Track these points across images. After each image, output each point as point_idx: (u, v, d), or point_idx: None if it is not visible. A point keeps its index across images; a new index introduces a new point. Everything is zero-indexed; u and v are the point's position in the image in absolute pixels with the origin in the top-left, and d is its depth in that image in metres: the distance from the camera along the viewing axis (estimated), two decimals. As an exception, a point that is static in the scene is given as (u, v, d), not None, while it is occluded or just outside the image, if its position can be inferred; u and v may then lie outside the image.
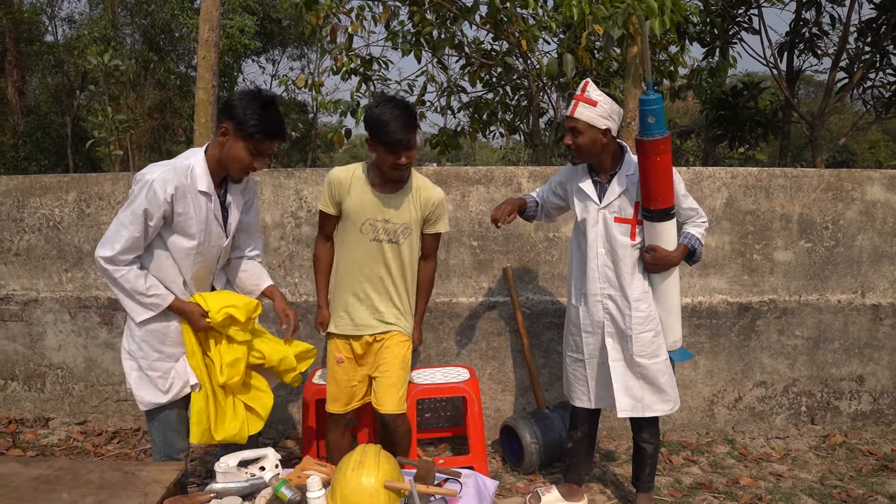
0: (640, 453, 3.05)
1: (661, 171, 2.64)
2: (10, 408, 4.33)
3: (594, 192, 2.87)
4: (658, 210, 2.71)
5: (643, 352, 2.85)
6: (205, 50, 5.38)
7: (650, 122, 2.60)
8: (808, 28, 8.37)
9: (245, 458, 2.23)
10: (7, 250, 4.21)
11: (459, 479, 2.20)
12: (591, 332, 2.95)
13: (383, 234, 2.81)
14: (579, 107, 2.71)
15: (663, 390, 2.89)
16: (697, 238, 2.86)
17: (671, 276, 2.87)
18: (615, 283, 2.87)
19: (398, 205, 2.81)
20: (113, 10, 20.85)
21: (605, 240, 2.86)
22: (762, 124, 8.85)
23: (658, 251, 2.78)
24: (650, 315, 2.85)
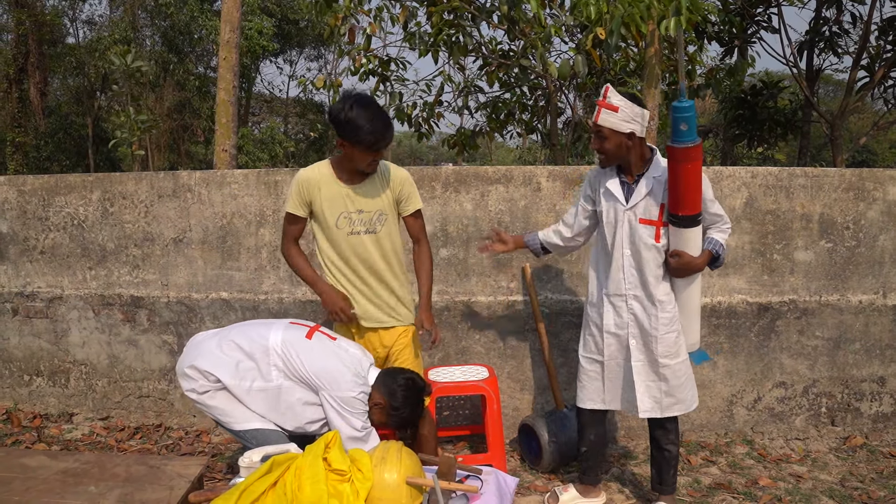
0: (663, 456, 3.03)
1: (690, 178, 2.65)
2: (35, 403, 4.41)
3: (621, 192, 2.88)
4: (686, 216, 2.72)
5: (668, 352, 2.86)
6: (226, 51, 5.44)
7: (682, 129, 2.59)
8: (829, 26, 8.30)
9: (268, 454, 2.26)
10: (33, 248, 4.29)
11: (480, 476, 2.21)
12: (614, 333, 2.96)
13: (359, 225, 2.85)
14: (602, 113, 2.74)
15: (684, 390, 2.91)
16: (721, 244, 2.86)
17: (695, 280, 2.88)
18: (640, 284, 2.88)
19: (368, 193, 2.84)
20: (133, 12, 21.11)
21: (631, 241, 2.87)
22: (781, 124, 8.79)
23: (683, 257, 2.78)
24: (674, 316, 2.87)
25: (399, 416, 2.60)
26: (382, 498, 1.96)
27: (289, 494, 1.94)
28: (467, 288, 3.93)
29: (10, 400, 4.43)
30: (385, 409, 2.61)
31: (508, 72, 6.42)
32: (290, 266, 3.05)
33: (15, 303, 4.32)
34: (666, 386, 2.89)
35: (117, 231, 4.16)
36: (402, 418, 2.62)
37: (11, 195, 4.26)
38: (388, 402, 2.60)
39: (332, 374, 2.57)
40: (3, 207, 4.28)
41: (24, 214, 4.26)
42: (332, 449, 2.08)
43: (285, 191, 3.98)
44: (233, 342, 2.68)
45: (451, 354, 3.94)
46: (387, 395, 2.61)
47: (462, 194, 3.88)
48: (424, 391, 2.68)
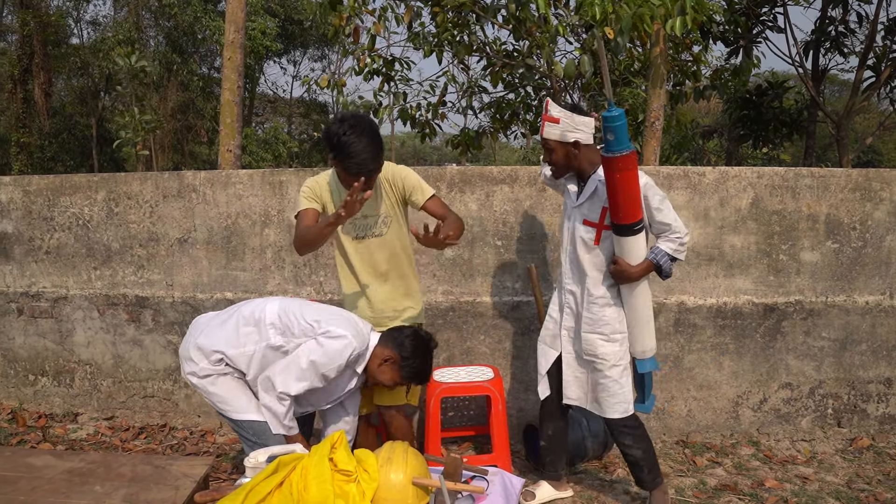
0: (628, 459, 3.05)
1: (624, 188, 2.64)
2: (40, 403, 4.41)
3: (575, 190, 2.96)
4: (622, 225, 2.74)
5: (589, 351, 2.92)
6: (230, 51, 5.44)
7: (609, 138, 2.59)
8: (835, 26, 8.28)
9: (274, 454, 2.25)
10: (38, 248, 4.29)
11: (486, 477, 2.21)
12: (554, 319, 3.08)
13: (363, 230, 2.88)
14: (546, 127, 2.80)
15: (601, 393, 2.92)
16: (666, 253, 2.83)
17: (636, 287, 2.87)
18: (577, 280, 2.96)
19: (372, 197, 2.83)
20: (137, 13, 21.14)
21: (572, 239, 2.95)
22: (787, 124, 8.77)
23: (620, 264, 2.81)
24: (601, 319, 2.88)
25: (411, 367, 2.64)
26: (388, 498, 1.95)
27: (295, 495, 1.94)
28: (472, 288, 3.92)
29: (15, 400, 4.44)
30: (396, 363, 2.64)
31: (513, 72, 6.41)
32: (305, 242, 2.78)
33: (20, 303, 4.33)
34: (588, 380, 2.97)
35: (122, 231, 4.17)
36: (414, 369, 2.65)
37: (17, 195, 4.27)
38: (398, 355, 2.64)
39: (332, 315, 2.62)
40: (8, 207, 4.29)
41: (29, 214, 4.27)
42: (338, 449, 2.07)
43: (290, 191, 3.98)
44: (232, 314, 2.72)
45: (456, 355, 3.94)
46: (395, 347, 2.65)
47: (467, 194, 3.88)
48: (432, 343, 2.73)
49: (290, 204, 3.98)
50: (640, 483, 3.07)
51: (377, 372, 2.68)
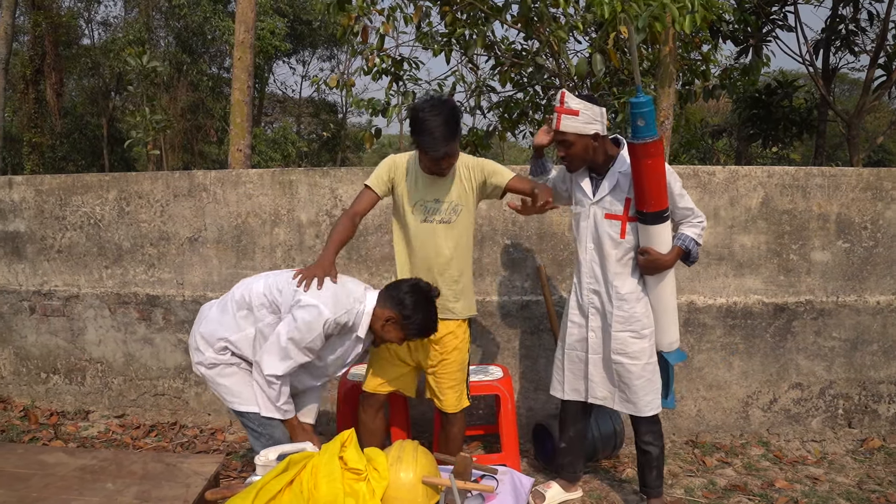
0: (645, 457, 3.01)
1: (652, 174, 2.63)
2: (51, 400, 4.45)
3: (590, 187, 2.90)
4: (651, 213, 2.71)
5: (620, 350, 2.86)
6: (240, 51, 5.46)
7: (640, 124, 2.57)
8: (846, 24, 8.23)
9: (284, 452, 2.26)
10: (50, 247, 4.33)
11: (496, 476, 2.21)
12: (577, 322, 3.00)
13: (434, 214, 2.83)
14: (563, 119, 2.72)
15: (638, 393, 2.87)
16: (692, 238, 2.83)
17: (665, 277, 2.85)
18: (601, 279, 2.89)
19: (448, 183, 2.83)
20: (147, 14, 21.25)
21: (595, 235, 2.88)
22: (797, 123, 8.72)
23: (651, 253, 2.77)
24: (633, 316, 2.84)
25: (414, 324, 2.57)
26: (398, 497, 1.96)
27: (305, 493, 1.94)
28: (482, 287, 3.92)
29: (27, 397, 4.48)
30: (398, 322, 2.58)
31: (521, 71, 6.40)
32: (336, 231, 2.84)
33: (32, 301, 4.36)
34: (619, 382, 2.91)
35: (133, 230, 4.19)
36: (418, 325, 2.58)
37: (29, 195, 4.31)
38: (399, 314, 2.57)
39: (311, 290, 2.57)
40: (20, 207, 4.33)
41: (41, 214, 4.30)
42: (348, 448, 2.08)
43: (300, 190, 3.99)
44: (229, 300, 2.71)
45: (465, 354, 3.94)
46: (395, 306, 2.57)
47: (476, 194, 3.88)
48: (433, 293, 2.64)
49: (300, 203, 4.00)
50: (647, 486, 3.05)
51: (382, 333, 2.63)
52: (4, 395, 4.53)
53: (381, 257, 3.97)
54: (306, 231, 4.02)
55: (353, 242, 3.96)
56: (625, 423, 3.78)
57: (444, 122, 2.64)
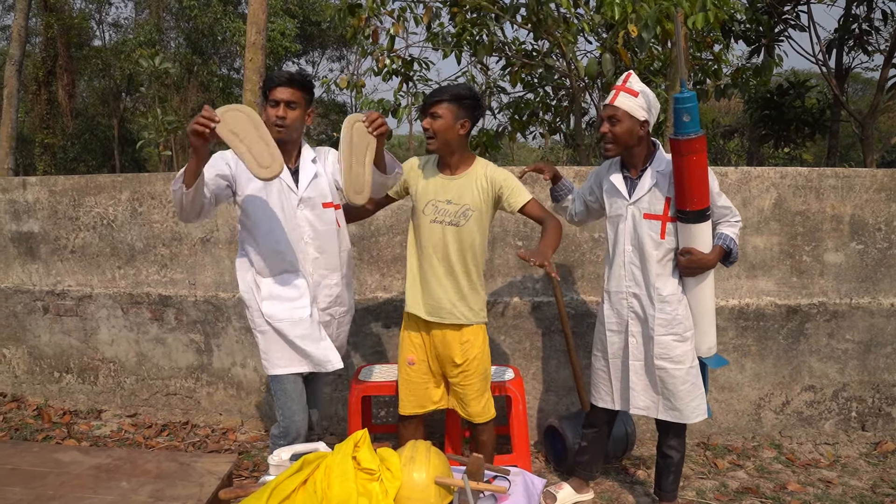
0: (665, 461, 2.97)
1: (696, 171, 2.58)
2: (64, 399, 4.48)
3: (624, 187, 2.84)
4: (693, 211, 2.65)
5: (664, 355, 2.79)
6: (252, 52, 5.48)
7: (685, 120, 2.53)
8: (859, 24, 8.17)
9: (297, 452, 2.27)
10: (63, 247, 4.36)
11: (508, 477, 2.21)
12: (617, 330, 2.93)
13: (443, 215, 2.82)
14: (620, 95, 2.70)
15: (683, 399, 2.80)
16: (732, 238, 2.79)
17: (706, 278, 2.80)
18: (641, 282, 2.83)
19: (461, 186, 2.82)
20: (158, 15, 21.37)
21: (634, 237, 2.82)
22: (809, 124, 8.67)
23: (694, 253, 2.71)
24: (675, 318, 2.78)
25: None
26: (411, 497, 1.96)
27: (318, 493, 1.95)
28: (493, 288, 3.92)
29: (40, 396, 4.51)
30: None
31: (532, 72, 6.40)
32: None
33: (46, 301, 4.39)
34: (663, 389, 2.83)
35: (146, 231, 4.22)
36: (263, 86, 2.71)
37: (43, 195, 4.34)
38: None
39: None
40: (34, 207, 4.36)
41: (54, 214, 4.34)
42: (361, 448, 2.08)
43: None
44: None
45: (476, 355, 3.94)
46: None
47: (487, 195, 3.87)
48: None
49: (311, 204, 4.00)
50: (662, 490, 3.03)
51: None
52: (18, 394, 4.57)
53: (393, 258, 3.98)
54: (318, 232, 4.03)
55: (365, 243, 3.96)
56: (636, 425, 3.77)
57: (454, 87, 2.72)
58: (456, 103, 2.72)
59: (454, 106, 2.72)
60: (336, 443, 2.14)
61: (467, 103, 2.75)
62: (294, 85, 2.66)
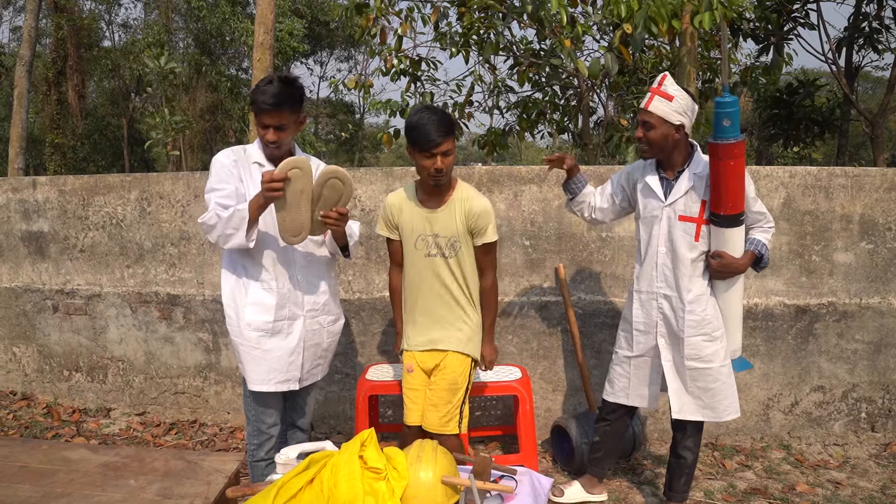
0: (679, 462, 2.97)
1: (733, 176, 2.57)
2: (74, 398, 4.50)
3: (660, 188, 2.83)
4: (728, 216, 2.65)
5: (694, 355, 2.79)
6: (260, 52, 5.50)
7: (725, 125, 2.52)
8: (869, 22, 8.12)
9: (305, 451, 2.27)
10: (73, 247, 4.38)
11: (515, 477, 2.20)
12: (644, 331, 2.92)
13: (435, 248, 2.82)
14: (654, 100, 2.69)
15: (715, 397, 2.81)
16: (765, 244, 2.78)
17: (736, 283, 2.80)
18: (672, 283, 2.82)
19: (445, 218, 2.81)
20: (167, 16, 21.46)
21: (668, 238, 2.81)
22: (818, 123, 8.62)
23: (725, 258, 2.71)
24: (705, 319, 2.78)
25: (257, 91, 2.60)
26: (418, 496, 1.95)
27: (325, 492, 1.95)
28: (501, 288, 3.88)
29: (50, 394, 4.54)
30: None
31: (539, 71, 6.39)
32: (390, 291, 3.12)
33: (55, 300, 4.42)
34: (694, 388, 2.83)
35: (154, 230, 4.24)
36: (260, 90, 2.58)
37: (53, 195, 4.36)
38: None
39: None
40: (44, 207, 4.39)
41: (64, 214, 4.36)
42: (367, 447, 2.08)
43: (319, 190, 4.00)
44: None
45: (483, 354, 3.94)
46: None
47: (495, 194, 3.88)
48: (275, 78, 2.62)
49: (319, 203, 4.01)
50: (673, 490, 3.02)
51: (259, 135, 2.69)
52: (28, 392, 4.60)
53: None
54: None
55: (372, 243, 3.97)
56: (644, 424, 3.76)
57: (437, 117, 2.66)
58: (453, 133, 2.69)
59: (453, 136, 2.69)
60: (343, 442, 2.15)
61: (455, 131, 2.73)
62: (281, 108, 2.55)
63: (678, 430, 2.96)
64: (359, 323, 3.99)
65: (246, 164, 2.69)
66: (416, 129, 2.64)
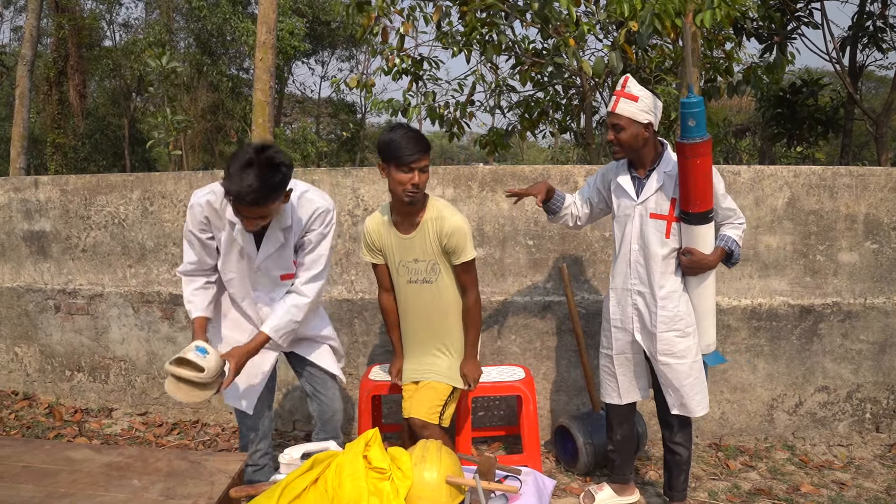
0: (674, 458, 2.99)
1: (700, 174, 2.61)
2: (76, 398, 4.49)
3: (632, 187, 2.88)
4: (696, 213, 2.69)
5: (666, 351, 2.83)
6: (262, 52, 5.48)
7: (690, 125, 2.56)
8: (873, 21, 8.10)
9: (308, 451, 2.27)
10: (75, 246, 4.37)
11: (519, 477, 2.20)
12: (621, 327, 2.98)
13: (415, 274, 2.84)
14: (620, 102, 2.74)
15: (686, 393, 2.84)
16: (735, 240, 2.82)
17: (707, 278, 2.84)
18: (645, 280, 2.87)
19: (421, 242, 2.81)
20: (168, 15, 21.46)
21: (640, 235, 2.86)
22: (822, 122, 8.61)
23: (694, 254, 2.75)
24: (677, 315, 2.82)
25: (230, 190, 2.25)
26: (423, 497, 1.95)
27: (329, 492, 1.94)
28: (503, 288, 3.90)
29: (52, 394, 4.53)
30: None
31: (542, 70, 6.37)
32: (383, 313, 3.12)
33: (57, 300, 4.41)
34: (668, 384, 2.88)
35: (157, 230, 4.23)
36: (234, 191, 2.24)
37: (55, 194, 4.36)
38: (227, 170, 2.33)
39: None
40: (46, 206, 4.38)
41: (66, 213, 4.35)
42: (371, 447, 2.07)
43: (324, 189, 3.98)
44: None
45: (487, 355, 3.92)
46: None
47: (498, 194, 3.86)
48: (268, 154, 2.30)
49: (322, 203, 4.00)
50: (672, 489, 3.03)
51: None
52: (30, 392, 4.59)
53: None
54: (328, 231, 4.02)
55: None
56: (647, 425, 3.74)
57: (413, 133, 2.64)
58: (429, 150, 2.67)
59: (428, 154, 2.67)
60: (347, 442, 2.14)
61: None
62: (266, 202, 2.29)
63: (666, 428, 2.99)
64: (361, 323, 3.98)
65: (223, 213, 2.53)
66: (393, 143, 2.62)
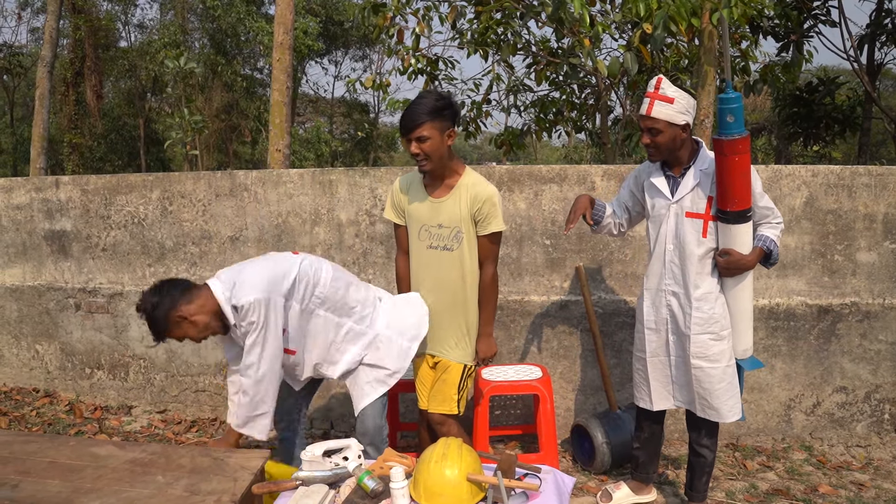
0: (698, 460, 2.95)
1: (738, 172, 2.56)
2: (96, 395, 4.55)
3: (666, 187, 2.82)
4: (734, 212, 2.63)
5: (700, 353, 2.78)
6: (279, 52, 5.52)
7: (729, 120, 2.51)
8: (891, 18, 8.03)
9: (330, 448, 2.29)
10: (95, 245, 4.43)
11: (539, 475, 2.20)
12: (655, 329, 2.91)
13: (437, 240, 2.76)
14: (656, 105, 2.66)
15: (719, 398, 2.79)
16: (773, 240, 2.75)
17: (744, 280, 2.77)
18: (680, 280, 2.80)
19: (449, 207, 2.73)
20: (183, 16, 21.61)
21: (675, 235, 2.80)
22: (839, 121, 8.54)
23: (732, 254, 2.69)
24: (712, 317, 2.76)
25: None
26: (444, 494, 1.96)
27: None
28: (521, 287, 3.91)
29: (72, 392, 4.59)
30: None
31: (557, 70, 6.38)
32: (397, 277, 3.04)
33: (78, 298, 4.47)
34: (700, 388, 2.82)
35: (176, 229, 4.27)
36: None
37: (75, 194, 4.41)
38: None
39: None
40: (67, 206, 4.43)
41: (86, 213, 4.41)
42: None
43: (340, 190, 4.03)
44: None
45: (504, 354, 3.94)
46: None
47: (516, 193, 3.87)
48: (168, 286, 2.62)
49: (340, 203, 4.03)
50: (693, 490, 3.01)
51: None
52: (51, 390, 4.65)
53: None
54: (346, 230, 4.05)
55: (393, 241, 3.98)
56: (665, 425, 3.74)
57: (424, 100, 2.60)
58: (437, 117, 2.59)
59: (436, 121, 2.59)
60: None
61: (447, 113, 2.62)
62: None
63: (693, 430, 2.95)
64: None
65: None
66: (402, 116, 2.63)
